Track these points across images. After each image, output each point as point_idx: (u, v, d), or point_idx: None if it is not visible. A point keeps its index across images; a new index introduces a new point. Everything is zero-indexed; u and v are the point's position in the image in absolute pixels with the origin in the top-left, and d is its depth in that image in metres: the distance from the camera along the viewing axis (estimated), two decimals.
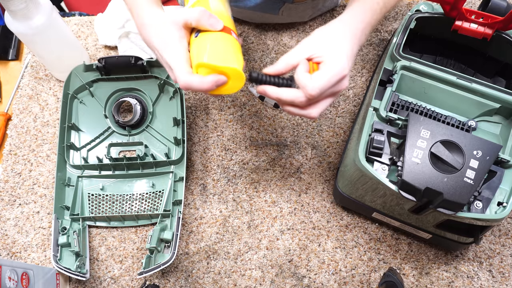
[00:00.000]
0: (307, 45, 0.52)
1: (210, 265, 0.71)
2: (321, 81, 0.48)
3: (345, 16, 0.54)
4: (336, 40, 0.51)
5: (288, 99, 0.50)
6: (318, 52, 0.51)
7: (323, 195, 0.75)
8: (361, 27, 0.54)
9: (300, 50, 0.52)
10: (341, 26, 0.53)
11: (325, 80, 0.48)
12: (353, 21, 0.54)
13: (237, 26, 0.88)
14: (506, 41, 0.65)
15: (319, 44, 0.51)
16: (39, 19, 0.69)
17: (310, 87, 0.48)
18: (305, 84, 0.49)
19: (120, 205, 0.74)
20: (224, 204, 0.75)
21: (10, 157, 0.80)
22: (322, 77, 0.48)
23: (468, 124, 0.63)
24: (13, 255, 0.73)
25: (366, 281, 0.69)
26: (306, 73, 0.50)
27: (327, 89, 0.49)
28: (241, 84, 0.51)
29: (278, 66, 0.52)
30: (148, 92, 0.78)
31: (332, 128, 0.80)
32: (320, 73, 0.49)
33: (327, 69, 0.49)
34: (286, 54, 0.52)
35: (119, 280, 0.71)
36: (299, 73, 0.50)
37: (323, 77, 0.49)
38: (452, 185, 0.52)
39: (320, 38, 0.52)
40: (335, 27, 0.53)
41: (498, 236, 0.71)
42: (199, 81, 0.48)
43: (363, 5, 0.55)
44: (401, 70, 0.64)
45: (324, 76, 0.49)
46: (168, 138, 0.77)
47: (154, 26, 0.52)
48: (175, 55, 0.50)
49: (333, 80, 0.49)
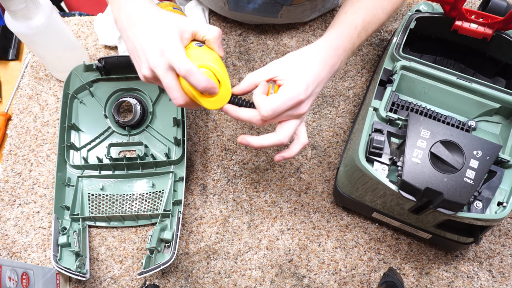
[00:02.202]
0: (273, 67, 0.53)
1: (210, 265, 0.71)
2: (274, 103, 0.50)
3: (320, 41, 0.56)
4: (302, 64, 0.53)
5: (246, 118, 0.52)
6: (281, 75, 0.52)
7: (323, 195, 0.75)
8: (335, 53, 0.55)
9: (265, 70, 0.53)
10: (313, 51, 0.54)
11: (278, 103, 0.50)
12: (327, 47, 0.55)
13: (237, 26, 0.88)
14: (506, 41, 0.65)
15: (285, 67, 0.53)
16: (39, 19, 0.69)
17: (262, 108, 0.50)
18: (258, 105, 0.51)
19: (120, 205, 0.74)
20: (224, 204, 0.75)
21: (10, 157, 0.80)
22: (275, 100, 0.50)
23: (468, 124, 0.63)
24: (13, 255, 0.73)
25: (366, 281, 0.69)
26: (261, 95, 0.51)
27: (282, 112, 0.51)
28: (221, 105, 0.52)
29: (242, 86, 0.54)
30: (148, 92, 0.78)
31: (332, 128, 0.80)
32: (275, 96, 0.50)
33: (282, 92, 0.51)
34: (251, 73, 0.54)
35: (119, 280, 0.71)
36: (255, 94, 0.52)
37: (277, 100, 0.50)
38: (452, 185, 0.52)
39: (288, 61, 0.53)
40: (306, 52, 0.54)
41: (498, 236, 0.71)
42: (200, 73, 0.48)
43: (340, 31, 0.56)
44: (401, 70, 0.64)
45: (278, 99, 0.50)
46: (168, 138, 0.77)
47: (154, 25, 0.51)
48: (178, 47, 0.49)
49: (288, 103, 0.50)
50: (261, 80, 0.53)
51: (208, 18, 0.88)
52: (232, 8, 0.81)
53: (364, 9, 0.58)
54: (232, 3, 0.79)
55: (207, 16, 0.88)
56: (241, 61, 0.85)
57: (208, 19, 0.88)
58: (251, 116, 0.52)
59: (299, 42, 0.87)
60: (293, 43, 0.86)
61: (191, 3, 0.88)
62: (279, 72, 0.52)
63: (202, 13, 0.87)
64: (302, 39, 0.87)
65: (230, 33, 0.88)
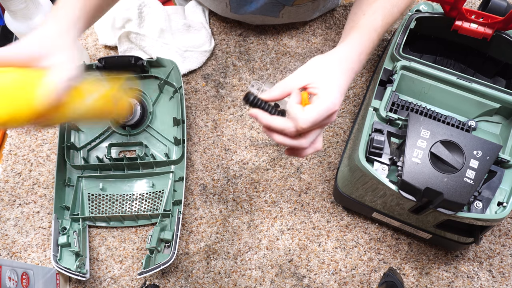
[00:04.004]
0: (303, 74, 0.52)
1: (210, 265, 0.71)
2: (313, 114, 0.49)
3: (344, 47, 0.54)
4: (333, 73, 0.52)
5: (279, 127, 0.50)
6: (314, 83, 0.51)
7: (323, 195, 0.75)
8: (359, 59, 0.54)
9: (296, 78, 0.52)
10: (339, 58, 0.53)
11: (317, 114, 0.49)
12: (352, 52, 0.54)
13: (237, 26, 0.88)
14: (506, 41, 0.65)
15: (316, 75, 0.51)
16: (39, 19, 0.69)
17: (301, 120, 0.48)
18: (296, 116, 0.49)
19: (120, 205, 0.74)
20: (224, 204, 0.75)
21: (10, 157, 0.80)
22: (314, 111, 0.49)
23: (468, 124, 0.63)
24: (13, 255, 0.73)
25: (366, 281, 0.69)
26: (298, 105, 0.50)
27: (318, 123, 0.50)
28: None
29: (274, 93, 0.52)
30: (148, 92, 0.78)
31: (332, 128, 0.80)
32: (313, 107, 0.49)
33: (320, 103, 0.49)
34: (282, 81, 0.52)
35: (119, 280, 0.71)
36: (291, 104, 0.50)
37: (315, 111, 0.49)
38: (452, 185, 0.52)
39: (317, 68, 0.52)
40: (332, 58, 0.53)
41: (498, 236, 0.71)
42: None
43: (361, 34, 0.55)
44: (401, 70, 0.64)
45: (316, 110, 0.49)
46: (168, 138, 0.77)
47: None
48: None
49: (324, 115, 0.49)
50: (293, 88, 0.51)
51: (208, 18, 0.88)
52: (234, 10, 0.81)
53: (382, 9, 0.57)
54: (234, 4, 0.79)
55: (207, 16, 0.88)
56: (241, 61, 0.85)
57: (208, 19, 0.88)
58: (284, 126, 0.50)
59: (299, 42, 0.87)
60: (293, 43, 0.86)
61: (191, 3, 0.88)
62: (311, 79, 0.51)
63: (202, 13, 0.87)
64: (302, 39, 0.87)
65: (230, 33, 0.88)
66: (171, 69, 0.76)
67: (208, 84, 0.84)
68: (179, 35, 0.84)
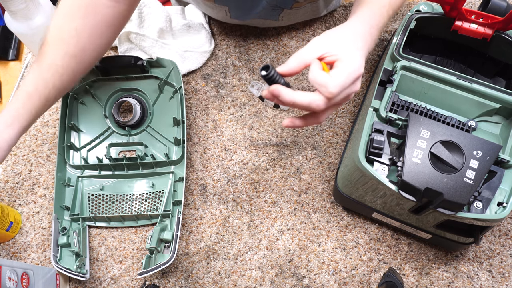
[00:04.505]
0: (319, 44, 0.49)
1: (210, 265, 0.71)
2: (341, 78, 0.46)
3: (354, 20, 0.53)
4: (350, 39, 0.49)
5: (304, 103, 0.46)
6: (332, 51, 0.48)
7: (323, 195, 0.75)
8: (370, 31, 0.52)
9: (312, 48, 0.49)
10: (352, 29, 0.51)
11: (345, 77, 0.46)
12: (363, 25, 0.52)
13: (237, 27, 0.88)
14: (506, 41, 0.65)
15: (332, 43, 0.49)
16: (39, 19, 0.69)
17: (331, 85, 0.45)
18: (325, 82, 0.45)
19: (120, 205, 0.74)
20: (224, 204, 0.75)
21: (10, 157, 0.80)
22: (342, 75, 0.46)
23: (468, 124, 0.63)
24: (13, 255, 0.73)
25: (366, 281, 0.69)
26: (323, 72, 0.47)
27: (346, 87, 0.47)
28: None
29: (291, 65, 0.48)
30: (148, 92, 0.78)
31: (332, 128, 0.80)
32: (339, 70, 0.46)
33: (345, 66, 0.47)
34: (298, 52, 0.49)
35: (119, 280, 0.71)
36: (315, 72, 0.46)
37: (343, 74, 0.46)
38: (452, 185, 0.52)
39: (332, 38, 0.50)
40: (345, 29, 0.51)
41: (498, 236, 0.71)
42: None
43: (370, 9, 0.53)
44: (401, 70, 0.64)
45: (344, 73, 0.46)
46: (168, 138, 0.77)
47: None
48: None
49: (352, 77, 0.47)
50: (311, 58, 0.48)
51: (208, 18, 0.88)
52: (234, 16, 0.80)
53: None
54: (234, 12, 0.79)
55: (207, 16, 0.88)
56: (241, 61, 0.85)
57: (209, 20, 0.88)
58: (311, 99, 0.46)
59: (299, 42, 0.87)
60: (293, 43, 0.86)
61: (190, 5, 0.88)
62: (328, 48, 0.48)
63: (202, 14, 0.87)
64: (302, 39, 0.87)
65: (230, 33, 0.88)
66: (171, 69, 0.76)
67: (208, 84, 0.84)
68: (179, 35, 0.84)
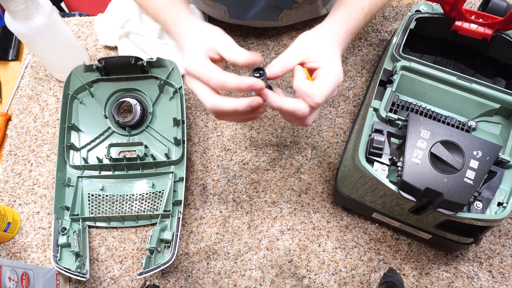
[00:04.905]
0: (299, 50, 0.51)
1: (210, 266, 0.71)
2: (326, 88, 0.47)
3: (331, 22, 0.53)
4: (329, 44, 0.51)
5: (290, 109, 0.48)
6: (313, 57, 0.50)
7: (323, 195, 0.75)
8: (345, 36, 0.53)
9: (293, 54, 0.50)
10: (329, 31, 0.52)
11: (329, 87, 0.48)
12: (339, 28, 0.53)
13: (237, 27, 0.88)
14: (506, 41, 0.65)
15: (311, 49, 0.50)
16: (39, 20, 0.69)
17: (317, 95, 0.47)
18: (311, 92, 0.47)
19: (120, 205, 0.74)
20: (224, 205, 0.75)
21: (10, 158, 0.80)
22: (326, 84, 0.48)
23: (468, 124, 0.63)
24: (13, 255, 0.73)
25: (366, 281, 0.69)
26: (308, 81, 0.48)
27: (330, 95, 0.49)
28: None
29: (275, 69, 0.50)
30: (148, 92, 0.78)
31: (332, 128, 0.80)
32: (323, 80, 0.48)
33: (328, 75, 0.48)
34: (280, 56, 0.50)
35: (119, 281, 0.71)
36: (301, 81, 0.48)
37: (327, 84, 0.48)
38: (452, 186, 0.52)
39: (310, 43, 0.51)
40: (322, 32, 0.52)
41: (498, 236, 0.71)
42: None
43: (348, 12, 0.55)
44: (401, 70, 0.64)
45: (327, 82, 0.48)
46: (168, 138, 0.77)
47: None
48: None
49: (335, 86, 0.48)
50: (294, 64, 0.49)
51: (208, 19, 0.88)
52: (233, 16, 0.81)
53: None
54: (233, 12, 0.79)
55: (207, 17, 0.88)
56: None
57: (209, 20, 0.88)
58: (296, 107, 0.48)
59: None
60: None
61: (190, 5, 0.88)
62: (307, 54, 0.50)
63: (202, 15, 0.87)
64: None
65: (230, 33, 0.87)
66: (171, 69, 0.76)
67: None
68: None
